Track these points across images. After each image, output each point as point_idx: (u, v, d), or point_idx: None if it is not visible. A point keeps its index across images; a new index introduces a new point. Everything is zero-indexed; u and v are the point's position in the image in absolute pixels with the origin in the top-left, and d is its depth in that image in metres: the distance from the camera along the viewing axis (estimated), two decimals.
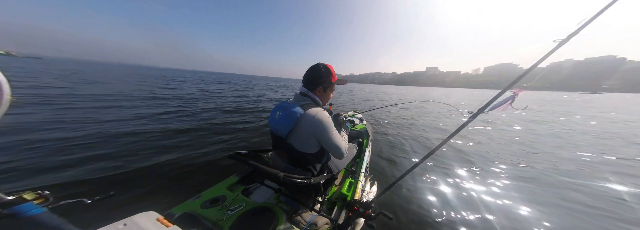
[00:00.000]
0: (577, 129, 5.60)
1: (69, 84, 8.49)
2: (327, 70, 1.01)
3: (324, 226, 0.98)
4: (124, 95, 6.66)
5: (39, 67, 19.69)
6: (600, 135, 4.86)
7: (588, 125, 6.20)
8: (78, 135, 2.79)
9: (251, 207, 1.03)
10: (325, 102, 1.10)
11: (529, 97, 30.70)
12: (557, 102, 17.36)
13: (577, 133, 5.01)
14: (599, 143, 4.12)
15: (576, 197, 2.04)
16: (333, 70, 1.05)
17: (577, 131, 5.24)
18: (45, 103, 4.58)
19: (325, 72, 1.00)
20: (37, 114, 3.67)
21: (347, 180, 1.38)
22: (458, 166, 2.61)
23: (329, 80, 1.02)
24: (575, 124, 6.34)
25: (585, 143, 4.08)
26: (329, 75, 1.01)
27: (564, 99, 26.27)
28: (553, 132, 4.95)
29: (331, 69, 1.03)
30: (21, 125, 3.00)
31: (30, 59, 54.09)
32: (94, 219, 1.31)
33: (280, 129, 0.94)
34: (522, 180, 2.32)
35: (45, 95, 5.59)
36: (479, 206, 1.82)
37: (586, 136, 4.71)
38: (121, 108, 4.71)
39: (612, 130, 5.52)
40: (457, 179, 2.28)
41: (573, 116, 8.37)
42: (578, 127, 5.80)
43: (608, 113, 9.82)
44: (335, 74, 1.09)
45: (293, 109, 0.91)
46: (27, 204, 0.45)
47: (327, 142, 0.94)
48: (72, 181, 1.79)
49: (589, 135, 4.79)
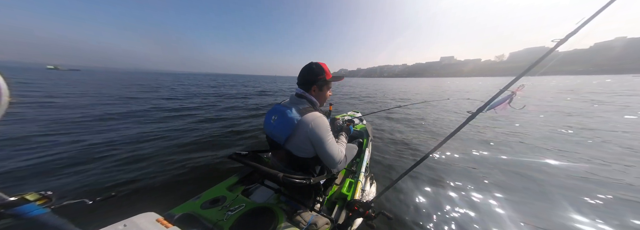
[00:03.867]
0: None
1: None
2: (320, 68, 0.97)
3: (324, 226, 0.98)
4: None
5: (98, 77, 19.86)
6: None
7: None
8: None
9: (251, 207, 1.03)
10: (323, 102, 1.06)
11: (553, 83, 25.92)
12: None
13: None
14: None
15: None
16: (327, 68, 1.00)
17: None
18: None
19: (318, 70, 0.96)
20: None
21: (347, 180, 1.38)
22: (458, 166, 2.60)
23: (323, 78, 0.97)
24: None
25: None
26: (322, 72, 0.97)
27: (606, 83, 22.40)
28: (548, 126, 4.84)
29: (324, 67, 0.98)
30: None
31: (72, 71, 57.00)
32: (95, 220, 1.32)
33: (277, 135, 0.92)
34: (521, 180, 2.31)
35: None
36: (479, 206, 1.81)
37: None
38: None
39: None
40: (457, 179, 2.27)
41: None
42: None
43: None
44: (329, 71, 1.03)
45: (289, 114, 0.87)
46: (29, 205, 0.45)
47: (321, 151, 0.90)
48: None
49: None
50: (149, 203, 1.61)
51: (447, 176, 2.33)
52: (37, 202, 0.47)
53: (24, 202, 0.45)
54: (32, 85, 12.04)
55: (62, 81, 15.20)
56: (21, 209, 0.44)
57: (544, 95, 10.88)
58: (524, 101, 0.84)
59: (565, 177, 2.32)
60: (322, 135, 0.88)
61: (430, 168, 2.50)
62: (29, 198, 0.46)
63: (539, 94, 11.55)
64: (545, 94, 10.93)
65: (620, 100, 8.36)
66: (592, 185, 2.15)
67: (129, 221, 0.60)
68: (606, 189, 2.05)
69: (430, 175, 2.32)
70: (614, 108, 6.61)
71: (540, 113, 5.89)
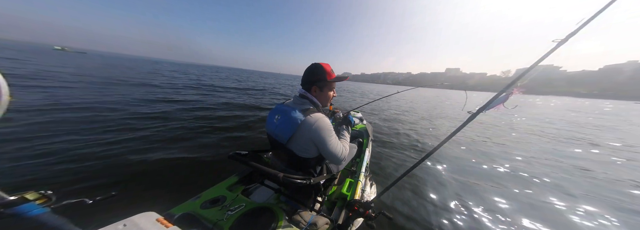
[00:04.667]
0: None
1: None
2: (321, 69, 0.96)
3: (323, 226, 0.98)
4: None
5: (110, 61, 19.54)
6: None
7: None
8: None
9: (251, 207, 1.03)
10: (325, 102, 1.06)
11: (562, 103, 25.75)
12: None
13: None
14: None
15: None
16: (329, 69, 0.99)
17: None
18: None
19: (319, 71, 0.96)
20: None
21: (347, 180, 1.38)
22: (459, 165, 2.60)
23: (324, 79, 0.97)
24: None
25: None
26: (323, 73, 0.97)
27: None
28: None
29: (326, 68, 0.98)
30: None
31: (78, 54, 56.06)
32: (95, 219, 1.32)
33: (280, 135, 0.93)
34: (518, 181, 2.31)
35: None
36: (480, 206, 1.81)
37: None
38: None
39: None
40: (457, 178, 2.27)
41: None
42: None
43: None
44: (332, 72, 1.02)
45: (293, 114, 0.88)
46: (29, 204, 0.45)
47: (325, 150, 0.92)
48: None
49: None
50: (149, 203, 1.61)
51: (448, 176, 2.33)
52: (37, 201, 0.47)
53: (24, 201, 0.45)
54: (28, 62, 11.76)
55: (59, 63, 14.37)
56: (21, 208, 0.44)
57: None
58: (516, 101, 0.87)
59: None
60: (325, 136, 0.89)
61: (430, 168, 2.50)
62: (28, 197, 0.46)
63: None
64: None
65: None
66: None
67: (128, 221, 0.60)
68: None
69: (430, 175, 2.33)
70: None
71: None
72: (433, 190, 2.04)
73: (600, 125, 7.96)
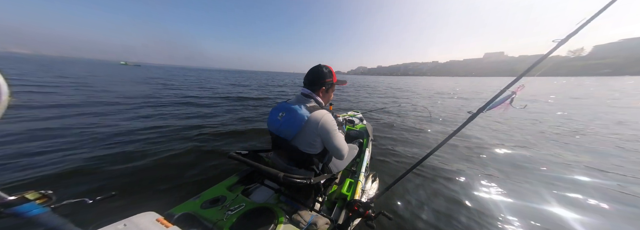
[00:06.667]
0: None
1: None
2: (328, 72, 1.04)
3: (323, 226, 0.98)
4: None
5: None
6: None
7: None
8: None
9: (251, 207, 1.03)
10: (327, 102, 1.13)
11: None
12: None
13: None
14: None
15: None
16: (334, 71, 1.09)
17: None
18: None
19: (328, 73, 1.03)
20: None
21: (347, 180, 1.38)
22: (458, 165, 2.60)
23: (330, 81, 1.05)
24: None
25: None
26: (330, 76, 1.04)
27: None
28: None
29: (332, 70, 1.07)
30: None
31: (135, 66, 59.72)
32: (95, 220, 1.32)
33: (285, 132, 0.95)
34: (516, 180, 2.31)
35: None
36: (480, 206, 1.81)
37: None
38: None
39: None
40: (457, 178, 2.27)
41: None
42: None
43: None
44: (335, 74, 1.13)
45: (299, 111, 0.92)
46: (29, 204, 0.45)
47: (331, 144, 0.97)
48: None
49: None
50: (149, 203, 1.61)
51: (448, 176, 2.32)
52: (37, 201, 0.47)
53: (24, 201, 0.44)
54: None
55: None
56: (21, 208, 0.43)
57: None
58: (525, 101, 0.84)
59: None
60: (331, 130, 0.94)
61: (431, 168, 2.50)
62: (28, 197, 0.45)
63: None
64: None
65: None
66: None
67: (128, 221, 0.60)
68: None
69: (431, 175, 2.32)
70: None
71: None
72: (434, 190, 2.04)
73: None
